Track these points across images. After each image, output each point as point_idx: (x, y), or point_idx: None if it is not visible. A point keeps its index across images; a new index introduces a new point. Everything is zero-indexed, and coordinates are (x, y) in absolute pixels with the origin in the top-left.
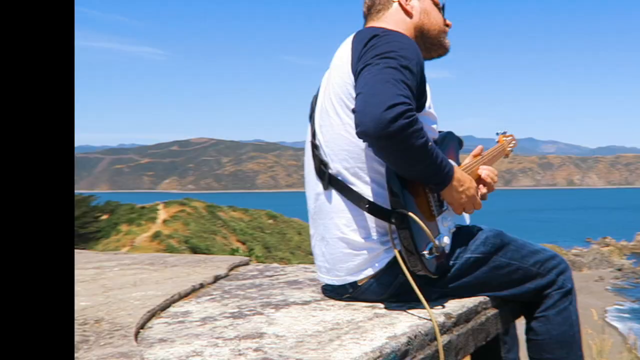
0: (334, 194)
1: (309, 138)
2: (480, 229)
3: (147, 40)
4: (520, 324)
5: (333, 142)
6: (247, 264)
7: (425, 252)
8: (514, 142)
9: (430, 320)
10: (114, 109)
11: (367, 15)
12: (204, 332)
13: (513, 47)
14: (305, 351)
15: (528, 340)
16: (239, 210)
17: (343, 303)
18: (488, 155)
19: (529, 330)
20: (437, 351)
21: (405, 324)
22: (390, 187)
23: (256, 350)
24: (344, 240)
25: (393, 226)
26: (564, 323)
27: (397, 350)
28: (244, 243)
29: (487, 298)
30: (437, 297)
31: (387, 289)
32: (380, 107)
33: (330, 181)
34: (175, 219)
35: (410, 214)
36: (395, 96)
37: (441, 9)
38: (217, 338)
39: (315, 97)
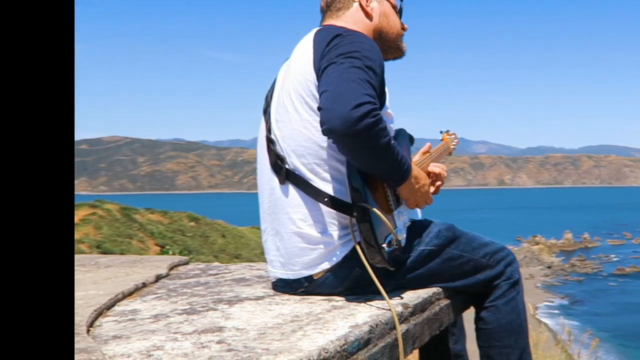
0: (291, 188)
1: (263, 133)
2: (433, 223)
3: None
4: (467, 315)
5: (291, 137)
6: (186, 263)
7: (385, 245)
8: (456, 140)
9: (389, 310)
10: None
11: (326, 11)
12: (160, 328)
13: (443, 46)
14: (270, 342)
15: (478, 330)
16: (157, 213)
17: (298, 297)
18: (436, 152)
19: (478, 319)
20: (396, 339)
21: (365, 314)
22: (350, 182)
23: (219, 342)
24: (300, 234)
25: (353, 220)
26: (512, 312)
27: (360, 338)
28: (162, 247)
29: (440, 289)
30: (392, 289)
31: (343, 282)
32: (347, 105)
33: (287, 176)
34: (85, 223)
35: (373, 208)
36: (362, 95)
37: (399, 12)
38: (174, 333)
39: (271, 91)
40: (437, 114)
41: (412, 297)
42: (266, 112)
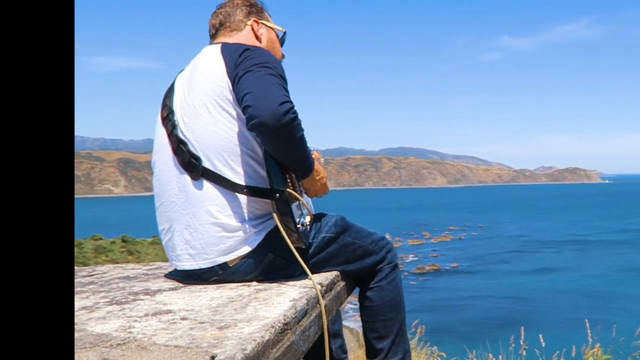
0: (206, 183)
1: (164, 137)
2: (329, 214)
3: None
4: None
5: (205, 138)
6: None
7: (300, 227)
8: (322, 159)
9: (313, 288)
10: None
11: (219, 29)
12: (105, 316)
13: None
14: (232, 314)
15: (363, 307)
16: None
17: (213, 286)
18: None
19: (364, 299)
20: (320, 312)
21: (294, 291)
22: (269, 172)
23: (183, 319)
24: (218, 224)
25: (270, 208)
26: (393, 290)
27: (302, 309)
28: None
29: (338, 272)
30: (300, 273)
31: (257, 268)
32: (274, 103)
33: (203, 173)
34: None
35: (290, 190)
36: (282, 96)
37: (281, 41)
38: (128, 317)
39: (170, 99)
40: None
41: (322, 278)
42: (168, 117)
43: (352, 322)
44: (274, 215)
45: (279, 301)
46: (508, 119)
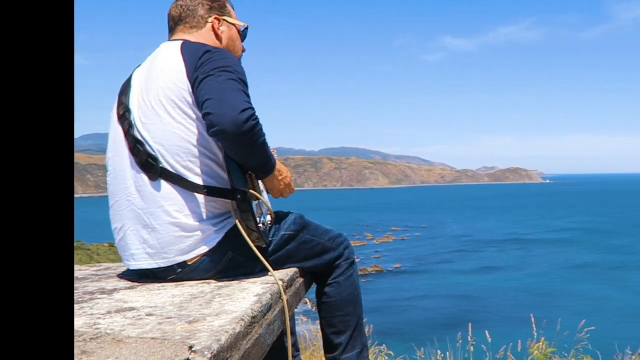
0: (165, 184)
1: (120, 135)
2: (288, 212)
3: None
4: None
5: (164, 138)
6: None
7: (261, 226)
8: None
9: (275, 284)
10: None
11: (178, 23)
12: None
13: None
14: (199, 310)
15: (321, 304)
16: None
17: (172, 284)
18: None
19: (322, 295)
20: (283, 307)
21: (257, 287)
22: (230, 172)
23: (149, 315)
24: (177, 224)
25: (229, 207)
26: (351, 286)
27: (267, 303)
28: None
29: (296, 269)
30: (260, 270)
31: (217, 266)
32: (235, 110)
33: (162, 173)
34: None
35: (252, 191)
36: (244, 102)
37: (242, 36)
38: (90, 315)
39: (126, 96)
40: None
41: (282, 275)
42: (124, 115)
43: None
44: (235, 215)
45: (244, 296)
46: (451, 120)
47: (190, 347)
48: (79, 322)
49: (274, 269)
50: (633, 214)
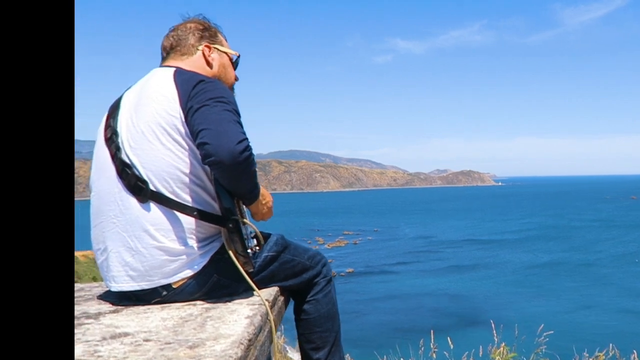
0: (153, 207)
1: (107, 157)
2: (269, 234)
3: None
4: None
5: (153, 164)
6: None
7: (249, 251)
8: None
9: (262, 304)
10: None
11: (169, 52)
12: None
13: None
14: (193, 332)
15: (300, 320)
16: None
17: (157, 307)
18: None
19: (300, 311)
20: (270, 327)
21: (243, 308)
22: (219, 197)
23: (147, 340)
24: (162, 248)
25: (214, 232)
26: (329, 303)
27: (258, 325)
28: None
29: (277, 288)
30: (243, 290)
31: (202, 289)
32: (232, 142)
33: (152, 196)
34: None
35: (244, 220)
36: (239, 133)
37: (234, 64)
38: (86, 342)
39: (114, 119)
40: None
41: (265, 294)
42: (111, 138)
43: None
44: (225, 240)
45: (234, 319)
46: (402, 122)
47: None
48: (78, 350)
49: (260, 289)
50: (586, 214)
